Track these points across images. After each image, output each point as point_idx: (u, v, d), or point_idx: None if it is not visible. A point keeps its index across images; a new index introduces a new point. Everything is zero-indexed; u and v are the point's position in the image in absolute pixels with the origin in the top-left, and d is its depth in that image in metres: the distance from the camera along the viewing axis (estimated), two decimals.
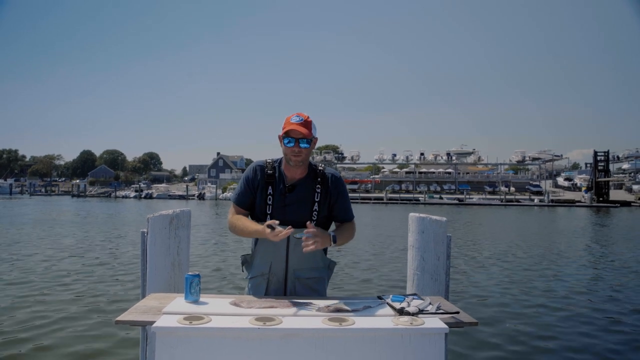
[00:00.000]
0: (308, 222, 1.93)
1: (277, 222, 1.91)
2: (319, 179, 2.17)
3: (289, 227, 1.88)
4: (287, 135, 2.09)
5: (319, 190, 2.16)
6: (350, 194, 2.39)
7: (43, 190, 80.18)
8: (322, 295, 2.19)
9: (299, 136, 2.07)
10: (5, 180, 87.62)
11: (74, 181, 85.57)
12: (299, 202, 2.14)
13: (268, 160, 2.21)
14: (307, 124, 2.09)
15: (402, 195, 60.76)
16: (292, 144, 2.07)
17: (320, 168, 2.21)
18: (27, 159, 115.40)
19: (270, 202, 2.14)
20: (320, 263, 2.20)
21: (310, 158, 2.26)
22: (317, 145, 2.24)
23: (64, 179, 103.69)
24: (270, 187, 2.16)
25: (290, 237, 2.11)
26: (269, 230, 1.89)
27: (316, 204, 2.15)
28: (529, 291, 7.10)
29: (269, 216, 2.12)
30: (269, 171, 2.17)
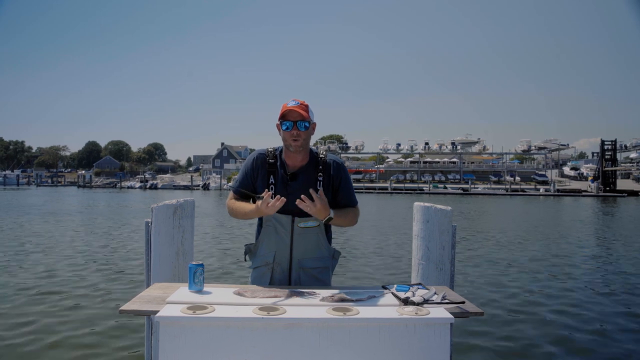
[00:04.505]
0: (320, 190, 1.98)
1: (269, 193, 1.94)
2: (320, 166, 2.14)
3: (282, 198, 1.91)
4: (284, 119, 2.05)
5: (321, 178, 2.13)
6: (354, 184, 2.36)
7: (49, 181, 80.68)
8: (326, 285, 2.17)
9: (297, 118, 2.04)
10: (12, 171, 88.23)
11: (80, 172, 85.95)
12: (301, 190, 2.10)
13: (269, 149, 2.18)
14: (304, 107, 2.06)
15: (406, 185, 60.67)
16: (290, 128, 2.04)
17: (322, 155, 2.18)
18: (34, 150, 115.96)
19: (272, 192, 2.11)
20: (325, 252, 2.18)
21: (315, 147, 2.24)
22: (321, 135, 2.22)
23: (69, 169, 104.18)
24: (272, 176, 2.13)
25: (295, 227, 2.10)
26: (259, 202, 1.93)
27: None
28: (535, 281, 7.09)
29: None
30: (270, 160, 2.14)
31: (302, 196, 1.92)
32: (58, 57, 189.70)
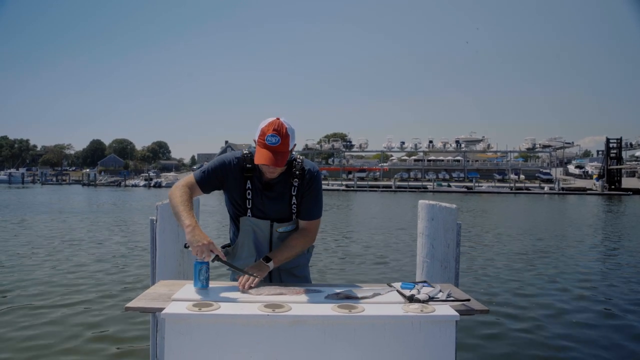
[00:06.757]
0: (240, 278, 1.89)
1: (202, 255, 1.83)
2: (297, 173, 2.08)
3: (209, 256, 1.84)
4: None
5: (296, 184, 2.08)
6: (358, 182, 2.34)
7: (54, 179, 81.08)
8: (307, 280, 2.21)
9: (271, 167, 1.94)
10: (17, 169, 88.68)
11: (84, 170, 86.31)
12: (277, 198, 2.08)
13: (245, 152, 2.09)
14: (283, 144, 1.91)
15: (410, 183, 60.48)
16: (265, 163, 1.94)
17: (298, 160, 2.10)
18: (38, 149, 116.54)
19: (249, 197, 2.08)
20: None
21: (319, 146, 2.22)
22: (325, 134, 2.18)
23: (74, 168, 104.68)
24: (249, 182, 2.07)
25: (273, 231, 2.10)
26: (187, 242, 1.86)
27: (294, 197, 2.09)
28: (539, 280, 7.06)
29: (249, 211, 2.09)
30: (247, 165, 2.07)
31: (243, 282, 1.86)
32: (62, 56, 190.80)
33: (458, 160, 70.93)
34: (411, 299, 1.73)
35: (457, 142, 73.44)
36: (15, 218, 16.34)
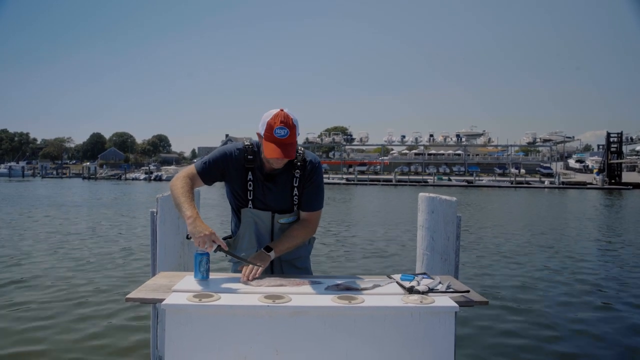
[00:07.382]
0: (243, 269, 1.89)
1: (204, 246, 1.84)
2: (298, 164, 2.07)
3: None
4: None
5: (297, 175, 2.08)
6: (359, 176, 2.33)
7: (54, 172, 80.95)
8: (308, 272, 2.21)
9: (280, 159, 1.93)
10: (18, 162, 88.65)
11: (85, 164, 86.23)
12: (279, 189, 2.08)
13: (247, 144, 2.08)
14: (291, 135, 1.89)
15: (411, 177, 60.44)
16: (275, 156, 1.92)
17: (300, 151, 2.09)
18: (39, 142, 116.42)
19: (250, 188, 2.08)
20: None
21: (319, 140, 2.22)
22: (325, 127, 2.16)
23: (74, 161, 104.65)
24: (250, 173, 2.07)
25: (275, 222, 2.10)
26: (189, 233, 1.86)
27: (295, 189, 2.09)
28: (539, 272, 7.08)
29: (250, 202, 2.09)
30: (249, 156, 2.06)
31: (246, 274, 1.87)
32: (63, 50, 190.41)
33: (459, 154, 70.90)
34: (411, 291, 1.74)
35: (457, 136, 73.34)
36: (16, 211, 16.36)
